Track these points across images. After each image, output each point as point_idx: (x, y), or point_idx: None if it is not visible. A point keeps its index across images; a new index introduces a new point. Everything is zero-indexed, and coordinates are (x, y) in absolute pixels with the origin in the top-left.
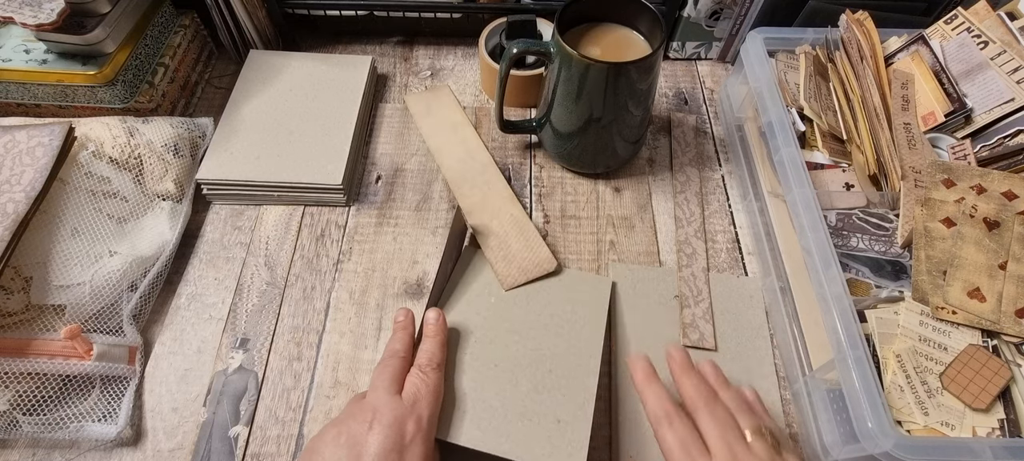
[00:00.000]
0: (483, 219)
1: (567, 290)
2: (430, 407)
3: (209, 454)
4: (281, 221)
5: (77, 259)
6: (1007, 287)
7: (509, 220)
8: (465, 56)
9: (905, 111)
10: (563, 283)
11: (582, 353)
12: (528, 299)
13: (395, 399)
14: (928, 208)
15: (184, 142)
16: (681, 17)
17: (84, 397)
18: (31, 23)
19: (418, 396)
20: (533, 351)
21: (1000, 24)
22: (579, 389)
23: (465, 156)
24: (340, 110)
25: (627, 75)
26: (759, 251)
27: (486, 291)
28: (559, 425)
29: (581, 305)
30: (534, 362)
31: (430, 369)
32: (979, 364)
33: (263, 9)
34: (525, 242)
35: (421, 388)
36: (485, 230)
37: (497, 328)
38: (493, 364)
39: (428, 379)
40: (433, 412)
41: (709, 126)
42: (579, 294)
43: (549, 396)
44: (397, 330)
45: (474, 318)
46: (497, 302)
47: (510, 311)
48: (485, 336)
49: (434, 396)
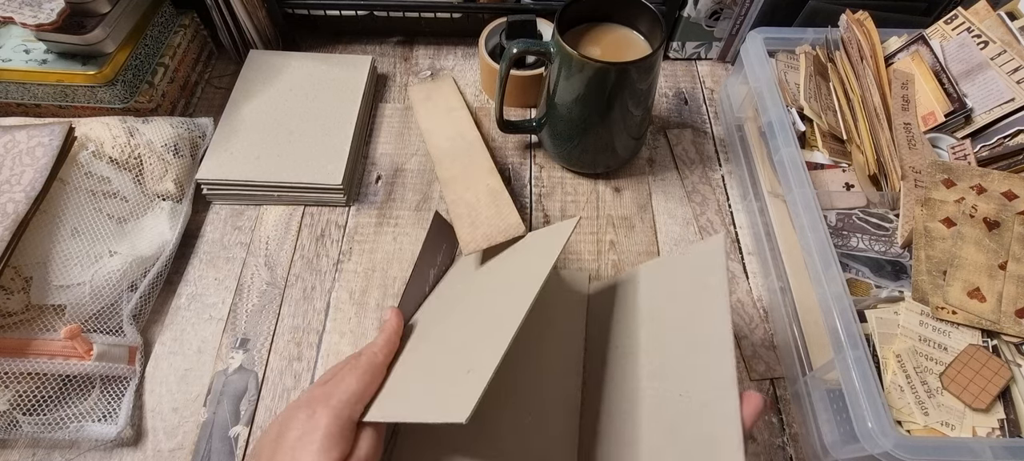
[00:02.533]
0: (457, 190)
1: (518, 254)
2: (347, 384)
3: (209, 454)
4: (281, 221)
5: (77, 259)
6: (1007, 287)
7: (484, 189)
8: (465, 56)
9: (905, 111)
10: (519, 250)
11: (512, 302)
12: (477, 275)
13: (317, 386)
14: (928, 208)
15: (184, 142)
16: (681, 17)
17: (84, 397)
18: (31, 23)
19: (342, 376)
20: (460, 321)
21: (1000, 24)
22: (496, 339)
23: (454, 135)
24: (340, 110)
25: (627, 75)
26: (759, 251)
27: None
28: (467, 376)
29: (528, 264)
30: (459, 330)
31: (364, 356)
32: (979, 364)
33: (263, 9)
34: (496, 209)
35: (345, 368)
36: (457, 199)
37: (439, 313)
38: (420, 344)
39: (358, 361)
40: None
41: (709, 126)
42: (532, 250)
43: (464, 354)
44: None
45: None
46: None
47: (458, 293)
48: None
49: (355, 375)
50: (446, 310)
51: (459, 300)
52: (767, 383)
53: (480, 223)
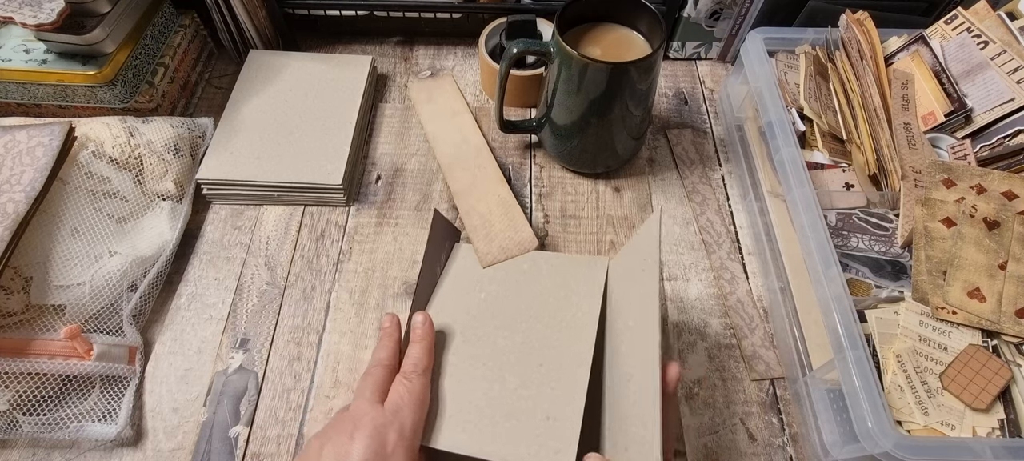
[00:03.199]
0: (470, 201)
1: (560, 275)
2: (413, 414)
3: (209, 454)
4: (281, 221)
5: (77, 259)
6: (1007, 287)
7: (495, 201)
8: (465, 56)
9: (905, 111)
10: (556, 269)
11: (574, 342)
12: (519, 289)
13: (376, 408)
14: (928, 208)
15: (184, 142)
16: (681, 17)
17: (84, 397)
18: (31, 23)
19: (401, 404)
20: (522, 344)
21: (1000, 24)
22: (570, 381)
23: (460, 141)
24: (340, 110)
25: (627, 75)
26: (759, 251)
27: (475, 288)
28: (548, 422)
29: (574, 292)
30: (523, 356)
31: (415, 376)
32: (979, 364)
33: (263, 9)
34: (509, 222)
35: (404, 395)
36: (470, 211)
37: (486, 324)
38: (480, 362)
39: (412, 386)
40: (417, 420)
41: (709, 126)
42: (573, 280)
43: (538, 391)
44: (383, 337)
45: (462, 317)
46: (487, 297)
47: (500, 305)
48: (473, 334)
49: (418, 403)
50: (481, 327)
51: (499, 324)
52: (767, 383)
53: (495, 236)
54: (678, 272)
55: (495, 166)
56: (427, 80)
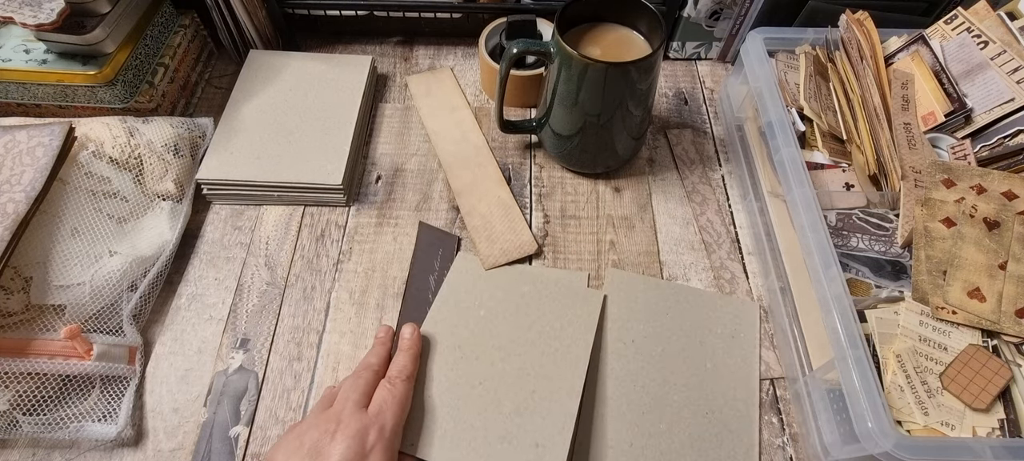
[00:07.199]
0: (471, 200)
1: (558, 305)
2: (395, 417)
3: (209, 454)
4: (281, 221)
5: (77, 259)
6: (1007, 287)
7: (495, 202)
8: (465, 56)
9: (905, 111)
10: (554, 296)
11: (566, 373)
12: (518, 313)
13: (360, 410)
14: (928, 208)
15: (184, 142)
16: (681, 17)
17: (84, 397)
18: (31, 23)
19: (384, 407)
20: (519, 370)
21: (1000, 24)
22: (560, 412)
23: (460, 138)
24: (340, 110)
25: (627, 75)
26: (759, 251)
27: (475, 304)
28: (537, 449)
29: (570, 323)
30: (518, 381)
31: (400, 381)
32: (979, 364)
33: (263, 9)
34: (509, 224)
35: (388, 399)
36: (471, 210)
37: (484, 344)
38: (478, 383)
39: (396, 390)
40: (397, 422)
41: (709, 126)
42: (570, 311)
43: (529, 419)
44: (376, 345)
45: (462, 332)
46: (487, 315)
47: (498, 326)
48: (471, 352)
49: (400, 407)
50: (479, 346)
51: (497, 345)
52: (767, 383)
53: (496, 238)
54: (678, 272)
55: (495, 166)
56: (425, 74)
